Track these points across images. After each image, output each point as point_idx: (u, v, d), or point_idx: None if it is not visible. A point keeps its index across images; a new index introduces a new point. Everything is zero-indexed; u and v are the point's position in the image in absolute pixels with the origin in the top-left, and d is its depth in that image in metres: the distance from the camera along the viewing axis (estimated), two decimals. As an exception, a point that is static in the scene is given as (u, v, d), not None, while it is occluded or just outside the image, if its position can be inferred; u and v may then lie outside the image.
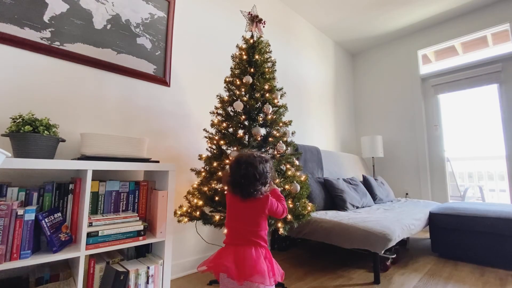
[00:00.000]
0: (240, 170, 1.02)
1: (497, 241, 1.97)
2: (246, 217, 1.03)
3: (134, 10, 1.77)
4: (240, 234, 1.02)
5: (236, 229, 1.04)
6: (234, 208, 1.06)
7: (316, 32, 3.57)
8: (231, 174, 1.05)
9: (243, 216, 1.04)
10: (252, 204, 1.04)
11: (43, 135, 1.13)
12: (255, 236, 1.02)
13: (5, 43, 1.28)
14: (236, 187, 1.03)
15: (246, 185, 1.01)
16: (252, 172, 1.01)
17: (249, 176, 1.01)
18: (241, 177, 1.01)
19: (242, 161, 1.04)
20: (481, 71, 3.14)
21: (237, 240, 1.02)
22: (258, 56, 1.72)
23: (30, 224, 1.03)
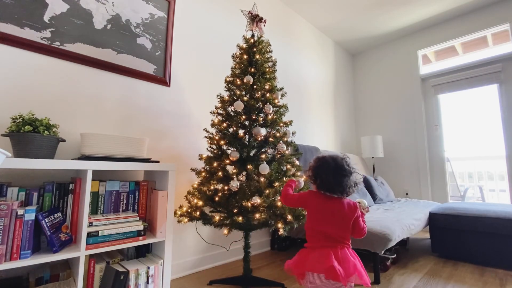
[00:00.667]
0: (345, 174, 1.04)
1: (497, 241, 1.97)
2: (339, 220, 1.03)
3: (134, 10, 1.77)
4: (332, 236, 1.01)
5: (327, 231, 1.02)
6: (326, 210, 1.04)
7: (316, 32, 3.57)
8: (331, 176, 1.04)
9: (335, 219, 1.03)
10: (344, 205, 1.04)
11: (43, 135, 1.13)
12: (345, 239, 1.03)
13: (5, 43, 1.28)
14: (335, 189, 1.04)
15: (349, 187, 1.04)
16: (353, 176, 1.06)
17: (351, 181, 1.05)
18: (346, 182, 1.03)
19: (344, 166, 1.05)
20: (481, 71, 3.14)
21: (329, 243, 1.01)
22: (259, 56, 1.72)
23: (30, 224, 1.03)
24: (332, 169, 1.04)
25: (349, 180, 1.04)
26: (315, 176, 1.08)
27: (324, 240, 1.01)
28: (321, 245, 1.01)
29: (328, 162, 1.06)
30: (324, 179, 1.05)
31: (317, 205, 1.06)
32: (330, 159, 1.07)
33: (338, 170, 1.04)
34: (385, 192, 3.07)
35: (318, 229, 1.03)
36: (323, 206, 1.04)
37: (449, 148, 3.41)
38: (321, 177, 1.06)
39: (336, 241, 1.01)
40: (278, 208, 1.45)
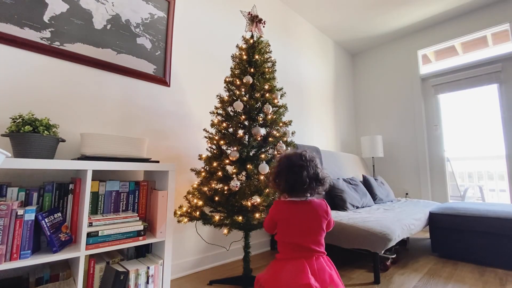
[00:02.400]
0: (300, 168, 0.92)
1: (497, 241, 1.97)
2: (308, 226, 0.93)
3: (134, 10, 1.77)
4: (304, 245, 0.92)
5: (298, 243, 0.92)
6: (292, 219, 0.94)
7: (316, 32, 3.57)
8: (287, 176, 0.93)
9: (304, 226, 0.93)
10: (312, 209, 0.95)
11: (43, 135, 1.13)
12: (318, 245, 0.94)
13: (5, 43, 1.28)
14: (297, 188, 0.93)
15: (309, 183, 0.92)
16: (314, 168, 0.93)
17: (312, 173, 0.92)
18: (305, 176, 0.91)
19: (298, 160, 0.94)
20: (481, 71, 3.14)
21: (302, 253, 0.91)
22: (258, 56, 1.72)
23: (30, 224, 1.03)
24: (286, 167, 0.93)
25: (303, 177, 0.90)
26: (274, 181, 0.97)
27: (298, 250, 0.92)
28: (295, 256, 0.91)
29: (282, 162, 0.96)
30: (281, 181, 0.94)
31: (283, 215, 0.95)
32: (284, 157, 0.97)
33: (292, 166, 0.92)
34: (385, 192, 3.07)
35: (288, 241, 0.93)
36: (290, 214, 0.94)
37: (449, 148, 3.41)
38: (279, 179, 0.95)
39: (310, 250, 0.92)
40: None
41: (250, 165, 1.53)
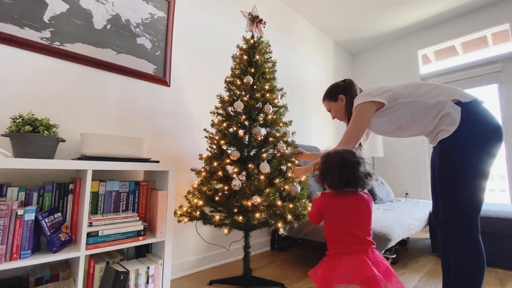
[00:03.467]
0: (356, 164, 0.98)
1: (497, 241, 1.97)
2: (359, 215, 0.96)
3: (134, 10, 1.77)
4: (358, 237, 0.93)
5: (351, 232, 0.93)
6: (343, 209, 0.96)
7: (316, 32, 3.57)
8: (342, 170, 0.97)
9: (355, 215, 0.96)
10: (363, 201, 0.98)
11: (43, 135, 1.13)
12: (370, 236, 0.95)
13: (5, 43, 1.28)
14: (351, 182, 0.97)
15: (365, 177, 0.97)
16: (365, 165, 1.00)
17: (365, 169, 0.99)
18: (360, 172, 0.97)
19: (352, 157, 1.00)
20: (481, 71, 3.14)
21: (358, 246, 0.92)
22: (259, 56, 1.72)
23: (30, 224, 1.03)
24: (338, 163, 0.99)
25: (358, 172, 0.97)
26: (323, 175, 1.02)
27: (352, 243, 0.92)
28: (350, 249, 0.91)
29: (333, 158, 1.01)
30: (332, 175, 0.99)
31: (334, 206, 0.98)
32: (335, 154, 1.02)
33: (345, 163, 0.98)
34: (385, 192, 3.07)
35: (341, 230, 0.94)
36: (341, 205, 0.97)
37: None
38: (329, 174, 1.00)
39: (365, 242, 0.93)
40: (278, 207, 1.45)
41: (252, 164, 1.54)
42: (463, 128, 1.03)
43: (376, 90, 1.25)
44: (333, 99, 1.47)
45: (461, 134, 1.04)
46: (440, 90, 1.14)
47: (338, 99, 1.45)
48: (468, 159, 1.02)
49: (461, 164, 1.03)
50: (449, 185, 1.05)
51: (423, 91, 1.16)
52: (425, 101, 1.13)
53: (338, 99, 1.45)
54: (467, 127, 1.03)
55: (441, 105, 1.10)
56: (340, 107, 1.45)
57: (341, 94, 1.44)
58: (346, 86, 1.44)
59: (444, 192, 1.08)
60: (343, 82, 1.47)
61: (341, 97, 1.44)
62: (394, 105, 1.20)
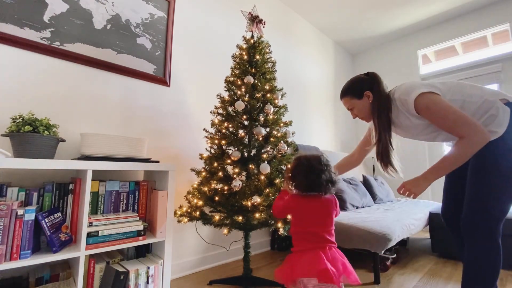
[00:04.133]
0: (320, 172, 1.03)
1: (497, 241, 1.97)
2: (321, 217, 1.04)
3: (134, 10, 1.77)
4: (319, 236, 1.01)
5: (314, 231, 1.02)
6: (308, 211, 1.05)
7: (316, 32, 3.57)
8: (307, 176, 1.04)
9: (318, 217, 1.04)
10: (325, 204, 1.05)
11: (43, 135, 1.13)
12: (330, 235, 1.03)
13: (5, 43, 1.28)
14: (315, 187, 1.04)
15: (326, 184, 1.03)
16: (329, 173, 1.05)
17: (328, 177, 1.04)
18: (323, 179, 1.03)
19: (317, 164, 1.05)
20: (481, 71, 3.14)
21: (317, 244, 1.00)
22: (259, 56, 1.72)
23: (30, 224, 1.03)
24: (305, 169, 1.05)
25: (321, 179, 1.03)
26: (292, 178, 1.09)
27: (312, 241, 1.01)
28: (310, 247, 1.00)
29: (302, 163, 1.07)
30: (299, 179, 1.06)
31: (299, 207, 1.06)
32: (304, 159, 1.08)
33: (310, 170, 1.04)
34: (385, 192, 3.07)
35: (305, 230, 1.03)
36: (305, 206, 1.05)
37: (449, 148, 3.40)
38: (297, 177, 1.07)
39: (324, 240, 1.01)
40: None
41: (252, 164, 1.54)
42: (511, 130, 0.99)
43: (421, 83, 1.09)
44: (356, 96, 1.26)
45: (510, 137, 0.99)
46: (479, 89, 1.07)
47: (363, 96, 1.24)
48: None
49: (508, 168, 0.99)
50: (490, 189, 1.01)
51: (466, 89, 1.07)
52: (471, 100, 1.04)
53: (364, 96, 1.24)
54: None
55: (489, 104, 1.02)
56: (365, 105, 1.25)
57: (368, 90, 1.22)
58: (372, 81, 1.23)
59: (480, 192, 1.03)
60: (367, 76, 1.27)
61: (368, 93, 1.22)
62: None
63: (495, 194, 1.00)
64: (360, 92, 1.25)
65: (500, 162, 1.00)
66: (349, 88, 1.30)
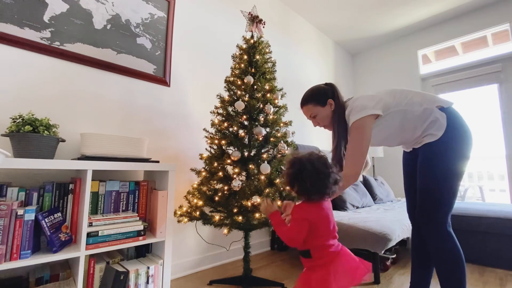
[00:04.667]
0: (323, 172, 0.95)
1: (497, 241, 1.97)
2: (332, 221, 0.99)
3: (134, 10, 1.77)
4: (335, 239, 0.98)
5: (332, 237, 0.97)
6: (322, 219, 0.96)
7: (316, 32, 3.57)
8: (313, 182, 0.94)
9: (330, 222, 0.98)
10: (329, 205, 1.02)
11: (43, 135, 1.13)
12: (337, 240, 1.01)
13: (5, 43, 1.28)
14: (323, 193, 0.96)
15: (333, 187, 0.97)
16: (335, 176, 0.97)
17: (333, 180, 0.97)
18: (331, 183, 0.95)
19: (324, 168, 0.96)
20: (481, 71, 3.14)
21: (337, 247, 0.97)
22: (259, 56, 1.72)
23: (30, 224, 1.03)
24: (312, 173, 0.95)
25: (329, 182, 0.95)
26: (292, 182, 0.99)
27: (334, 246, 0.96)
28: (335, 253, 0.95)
29: (304, 165, 0.96)
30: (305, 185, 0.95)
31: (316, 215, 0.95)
32: (307, 162, 0.97)
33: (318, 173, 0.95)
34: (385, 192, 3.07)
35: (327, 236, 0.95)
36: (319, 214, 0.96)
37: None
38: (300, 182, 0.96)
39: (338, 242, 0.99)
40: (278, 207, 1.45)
41: (252, 164, 1.54)
42: (449, 133, 1.13)
43: (369, 100, 1.19)
44: (320, 103, 1.30)
45: (448, 138, 1.13)
46: (420, 97, 1.20)
47: (327, 103, 1.29)
48: (453, 162, 1.12)
49: (448, 167, 1.12)
50: (435, 185, 1.13)
51: (408, 98, 1.20)
52: (413, 109, 1.17)
53: (327, 104, 1.29)
54: (452, 132, 1.13)
55: (428, 112, 1.16)
56: (328, 113, 1.30)
57: (330, 99, 1.29)
58: (333, 90, 1.31)
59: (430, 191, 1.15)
60: (327, 85, 1.34)
61: (330, 101, 1.29)
62: (386, 114, 1.19)
63: (437, 188, 1.13)
64: (324, 100, 1.30)
65: (441, 162, 1.13)
66: (313, 96, 1.33)
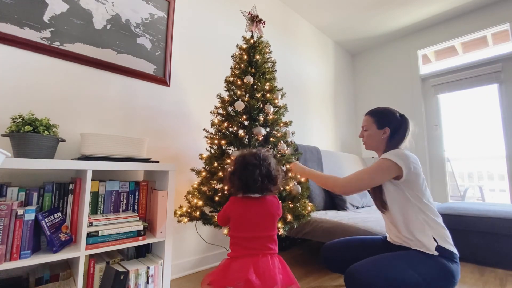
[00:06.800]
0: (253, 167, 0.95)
1: (497, 241, 1.97)
2: (260, 222, 0.96)
3: (134, 10, 1.77)
4: (256, 242, 0.94)
5: (250, 237, 0.95)
6: (246, 214, 0.96)
7: (316, 32, 3.57)
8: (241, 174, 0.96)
9: (256, 222, 0.96)
10: (265, 206, 0.98)
11: (43, 135, 1.13)
12: (270, 242, 0.97)
13: (5, 43, 1.28)
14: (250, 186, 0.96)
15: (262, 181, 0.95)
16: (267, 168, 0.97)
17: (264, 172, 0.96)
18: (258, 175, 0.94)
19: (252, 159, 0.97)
20: (481, 71, 3.14)
21: (252, 250, 0.94)
22: (259, 56, 1.72)
23: (30, 224, 1.03)
24: (241, 166, 0.97)
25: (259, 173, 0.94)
26: (230, 180, 1.01)
27: (248, 248, 0.94)
28: (242, 254, 0.94)
29: (237, 161, 1.00)
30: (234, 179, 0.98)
31: (237, 211, 0.98)
32: (240, 156, 1.00)
33: (246, 165, 0.96)
34: (385, 192, 3.06)
35: (239, 235, 0.96)
36: (243, 210, 0.97)
37: (449, 148, 3.41)
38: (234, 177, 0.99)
39: (261, 247, 0.95)
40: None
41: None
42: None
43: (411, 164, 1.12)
44: (377, 124, 1.28)
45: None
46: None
47: (382, 129, 1.26)
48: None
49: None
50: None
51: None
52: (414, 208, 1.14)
53: (383, 129, 1.26)
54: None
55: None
56: (377, 136, 1.27)
57: (389, 128, 1.25)
58: (401, 124, 1.25)
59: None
60: (400, 117, 1.28)
61: (386, 130, 1.25)
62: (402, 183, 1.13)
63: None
64: (383, 124, 1.27)
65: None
66: (379, 113, 1.32)
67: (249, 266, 0.89)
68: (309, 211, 1.56)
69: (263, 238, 0.96)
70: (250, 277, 0.86)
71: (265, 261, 0.93)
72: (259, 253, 0.94)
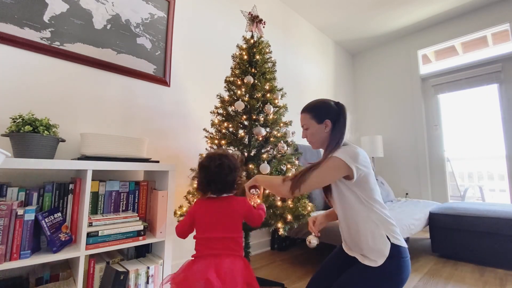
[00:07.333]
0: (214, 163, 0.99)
1: (497, 241, 1.97)
2: (223, 222, 0.96)
3: (134, 10, 1.77)
4: (218, 243, 0.94)
5: (212, 237, 0.95)
6: (209, 214, 0.98)
7: (316, 32, 3.57)
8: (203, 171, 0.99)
9: (219, 221, 0.96)
10: (228, 206, 0.99)
11: (43, 135, 1.13)
12: (234, 244, 0.96)
13: (5, 43, 1.28)
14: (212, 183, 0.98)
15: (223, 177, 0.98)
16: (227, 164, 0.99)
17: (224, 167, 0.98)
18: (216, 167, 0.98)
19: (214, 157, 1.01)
20: (481, 71, 3.14)
21: (214, 250, 0.93)
22: (259, 56, 1.72)
23: (30, 224, 1.03)
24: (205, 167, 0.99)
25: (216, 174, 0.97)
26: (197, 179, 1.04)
27: (210, 247, 0.95)
28: (205, 254, 0.94)
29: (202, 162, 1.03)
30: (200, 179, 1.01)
31: (199, 211, 1.00)
32: (205, 158, 1.03)
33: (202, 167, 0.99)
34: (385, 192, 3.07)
35: (201, 236, 0.97)
36: (206, 210, 0.99)
37: (449, 148, 3.41)
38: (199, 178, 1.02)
39: (224, 247, 0.94)
40: (278, 208, 1.45)
41: (253, 164, 1.53)
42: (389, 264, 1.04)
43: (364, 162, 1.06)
44: (316, 119, 1.16)
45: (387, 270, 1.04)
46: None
47: (323, 122, 1.15)
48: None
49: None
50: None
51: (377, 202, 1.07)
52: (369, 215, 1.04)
53: (323, 123, 1.15)
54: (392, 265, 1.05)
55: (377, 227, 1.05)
56: (320, 131, 1.16)
57: (329, 120, 1.15)
58: (339, 113, 1.15)
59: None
60: (336, 106, 1.19)
61: (328, 122, 1.15)
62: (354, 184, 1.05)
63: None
64: (322, 117, 1.16)
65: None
66: (314, 108, 1.20)
67: (211, 266, 0.89)
68: (309, 211, 1.55)
69: (225, 240, 0.95)
70: (210, 277, 0.85)
71: (228, 262, 0.91)
72: (222, 253, 0.93)
